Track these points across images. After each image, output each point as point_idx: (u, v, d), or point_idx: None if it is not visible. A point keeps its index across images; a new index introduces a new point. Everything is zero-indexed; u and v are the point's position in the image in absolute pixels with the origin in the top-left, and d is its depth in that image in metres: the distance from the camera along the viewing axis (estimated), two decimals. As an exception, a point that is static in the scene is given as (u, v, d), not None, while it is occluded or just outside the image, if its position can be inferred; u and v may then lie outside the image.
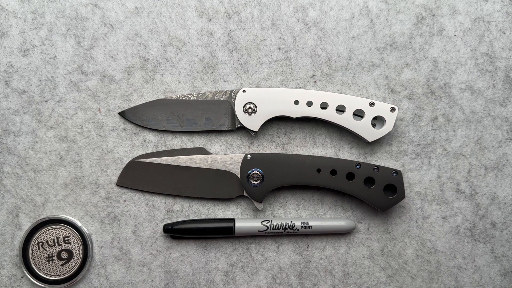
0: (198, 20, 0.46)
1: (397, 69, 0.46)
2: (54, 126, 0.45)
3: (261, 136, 0.46)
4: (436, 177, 0.46)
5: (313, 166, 0.44)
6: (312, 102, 0.44)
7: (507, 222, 0.46)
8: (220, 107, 0.45)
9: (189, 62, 0.46)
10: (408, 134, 0.46)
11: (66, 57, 0.45)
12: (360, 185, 0.43)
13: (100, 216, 0.45)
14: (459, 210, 0.46)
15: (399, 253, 0.46)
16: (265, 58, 0.46)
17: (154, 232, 0.45)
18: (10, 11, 0.45)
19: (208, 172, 0.44)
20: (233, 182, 0.44)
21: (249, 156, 0.44)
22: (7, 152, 0.44)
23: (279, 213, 0.46)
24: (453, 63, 0.46)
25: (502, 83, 0.46)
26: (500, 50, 0.46)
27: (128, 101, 0.45)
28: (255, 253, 0.45)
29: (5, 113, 0.45)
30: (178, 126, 0.45)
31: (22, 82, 0.45)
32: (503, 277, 0.46)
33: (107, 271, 0.44)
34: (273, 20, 0.46)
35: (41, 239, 0.44)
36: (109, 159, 0.45)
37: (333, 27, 0.46)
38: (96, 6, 0.45)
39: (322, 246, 0.45)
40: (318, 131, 0.46)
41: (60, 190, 0.45)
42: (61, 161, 0.45)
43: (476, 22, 0.46)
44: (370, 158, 0.46)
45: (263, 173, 0.44)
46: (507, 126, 0.46)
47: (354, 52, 0.46)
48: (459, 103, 0.46)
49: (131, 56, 0.45)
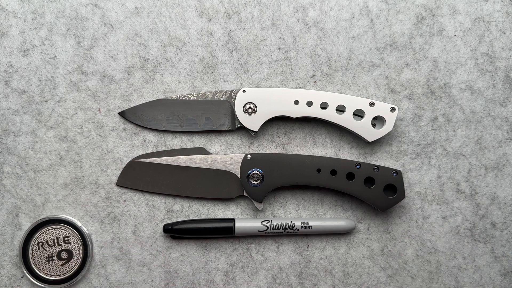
0: (198, 20, 0.46)
1: (397, 69, 0.46)
2: (54, 126, 0.45)
3: (261, 136, 0.46)
4: (436, 177, 0.46)
5: (313, 166, 0.44)
6: (312, 102, 0.44)
7: (507, 222, 0.46)
8: (220, 107, 0.45)
9: (189, 62, 0.46)
10: (408, 134, 0.46)
11: (66, 57, 0.45)
12: (360, 185, 0.43)
13: (100, 216, 0.45)
14: (459, 210, 0.46)
15: (399, 253, 0.46)
16: (265, 58, 0.46)
17: (154, 232, 0.45)
18: (10, 11, 0.45)
19: (208, 172, 0.44)
20: (233, 182, 0.44)
21: (249, 156, 0.44)
22: (7, 152, 0.44)
23: (279, 213, 0.46)
24: (453, 63, 0.46)
25: (502, 83, 0.46)
26: (500, 50, 0.46)
27: (128, 101, 0.45)
28: (255, 253, 0.45)
29: (5, 113, 0.45)
30: (178, 126, 0.45)
31: (22, 82, 0.45)
32: (503, 277, 0.46)
33: (107, 271, 0.44)
34: (273, 20, 0.46)
35: (41, 239, 0.44)
36: (109, 159, 0.45)
37: (333, 27, 0.46)
38: (96, 6, 0.45)
39: (322, 246, 0.45)
40: (318, 131, 0.46)
41: (60, 190, 0.45)
42: (61, 161, 0.45)
43: (476, 22, 0.46)
44: (370, 158, 0.46)
45: (263, 173, 0.44)
46: (507, 126, 0.46)
47: (354, 52, 0.46)
48: (459, 103, 0.46)
49: (131, 56, 0.45)
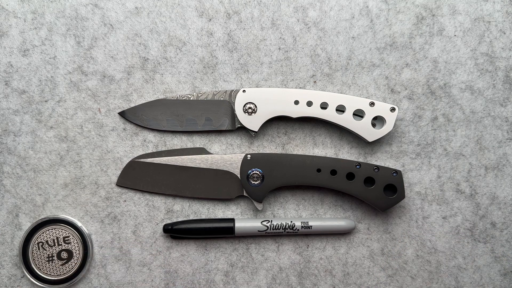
0: (198, 20, 0.46)
1: (397, 69, 0.46)
2: (54, 126, 0.45)
3: (261, 136, 0.46)
4: (436, 177, 0.46)
5: (313, 166, 0.44)
6: (312, 102, 0.44)
7: (507, 222, 0.46)
8: (220, 107, 0.45)
9: (189, 62, 0.46)
10: (408, 134, 0.46)
11: (66, 57, 0.45)
12: (360, 185, 0.43)
13: (100, 216, 0.45)
14: (459, 210, 0.46)
15: (399, 253, 0.45)
16: (265, 58, 0.46)
17: (154, 232, 0.45)
18: (10, 11, 0.45)
19: (208, 172, 0.44)
20: (233, 182, 0.44)
21: (249, 156, 0.44)
22: (7, 152, 0.44)
23: (279, 213, 0.46)
24: (453, 63, 0.46)
25: (502, 83, 0.46)
26: (500, 50, 0.46)
27: (128, 101, 0.45)
28: (255, 253, 0.45)
29: (5, 113, 0.45)
30: (178, 126, 0.45)
31: (22, 82, 0.45)
32: (503, 277, 0.46)
33: (107, 271, 0.44)
34: (273, 20, 0.46)
35: (41, 239, 0.44)
36: (109, 159, 0.45)
37: (333, 27, 0.46)
38: (96, 6, 0.45)
39: (322, 246, 0.45)
40: (318, 131, 0.46)
41: (60, 190, 0.45)
42: (61, 161, 0.45)
43: (476, 22, 0.46)
44: (370, 158, 0.46)
45: (263, 173, 0.44)
46: (507, 126, 0.46)
47: (354, 52, 0.46)
48: (459, 103, 0.46)
49: (131, 56, 0.45)
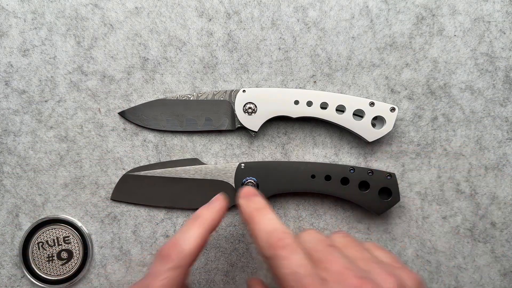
0: (198, 20, 0.46)
1: (397, 69, 0.46)
2: (54, 126, 0.45)
3: (261, 136, 0.46)
4: (436, 177, 0.46)
5: (308, 172, 0.43)
6: (312, 102, 0.44)
7: (507, 222, 0.46)
8: (220, 107, 0.45)
9: (189, 62, 0.46)
10: (408, 134, 0.46)
11: (66, 57, 0.45)
12: (355, 189, 0.43)
13: (100, 216, 0.45)
14: (459, 210, 0.46)
15: (399, 253, 0.45)
16: (265, 58, 0.46)
17: (154, 232, 0.45)
18: (10, 11, 0.45)
19: (202, 183, 0.44)
20: (228, 192, 0.44)
21: (243, 165, 0.44)
22: (7, 152, 0.44)
23: (279, 213, 0.46)
24: (453, 63, 0.46)
25: (502, 83, 0.46)
26: (500, 50, 0.46)
27: (128, 101, 0.45)
28: (255, 253, 0.45)
29: (5, 113, 0.45)
30: (178, 126, 0.45)
31: (22, 82, 0.45)
32: (503, 277, 0.46)
33: (107, 271, 0.44)
34: (273, 20, 0.46)
35: (41, 239, 0.44)
36: (109, 159, 0.45)
37: (333, 27, 0.46)
38: (96, 6, 0.45)
39: (322, 246, 0.45)
40: (318, 131, 0.46)
41: (60, 190, 0.45)
42: (61, 161, 0.45)
43: (476, 22, 0.46)
44: (370, 158, 0.46)
45: (258, 181, 0.44)
46: (507, 126, 0.46)
47: (354, 52, 0.46)
48: (459, 103, 0.46)
49: (131, 56, 0.45)
